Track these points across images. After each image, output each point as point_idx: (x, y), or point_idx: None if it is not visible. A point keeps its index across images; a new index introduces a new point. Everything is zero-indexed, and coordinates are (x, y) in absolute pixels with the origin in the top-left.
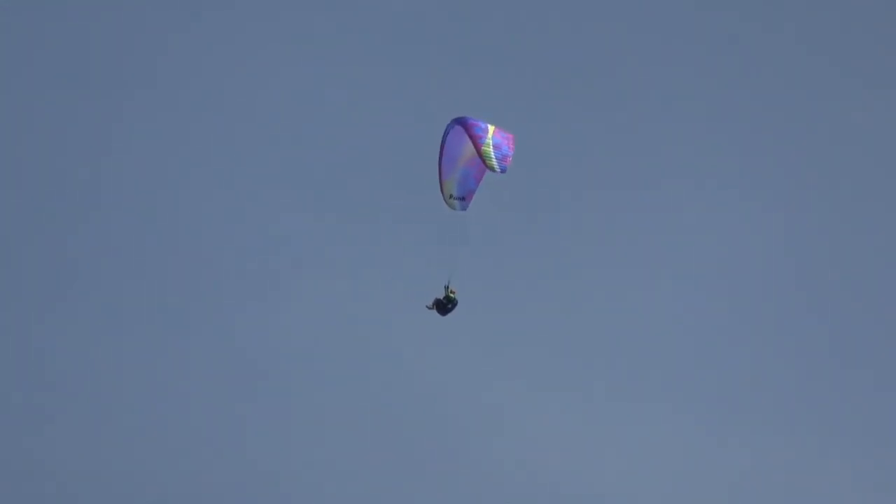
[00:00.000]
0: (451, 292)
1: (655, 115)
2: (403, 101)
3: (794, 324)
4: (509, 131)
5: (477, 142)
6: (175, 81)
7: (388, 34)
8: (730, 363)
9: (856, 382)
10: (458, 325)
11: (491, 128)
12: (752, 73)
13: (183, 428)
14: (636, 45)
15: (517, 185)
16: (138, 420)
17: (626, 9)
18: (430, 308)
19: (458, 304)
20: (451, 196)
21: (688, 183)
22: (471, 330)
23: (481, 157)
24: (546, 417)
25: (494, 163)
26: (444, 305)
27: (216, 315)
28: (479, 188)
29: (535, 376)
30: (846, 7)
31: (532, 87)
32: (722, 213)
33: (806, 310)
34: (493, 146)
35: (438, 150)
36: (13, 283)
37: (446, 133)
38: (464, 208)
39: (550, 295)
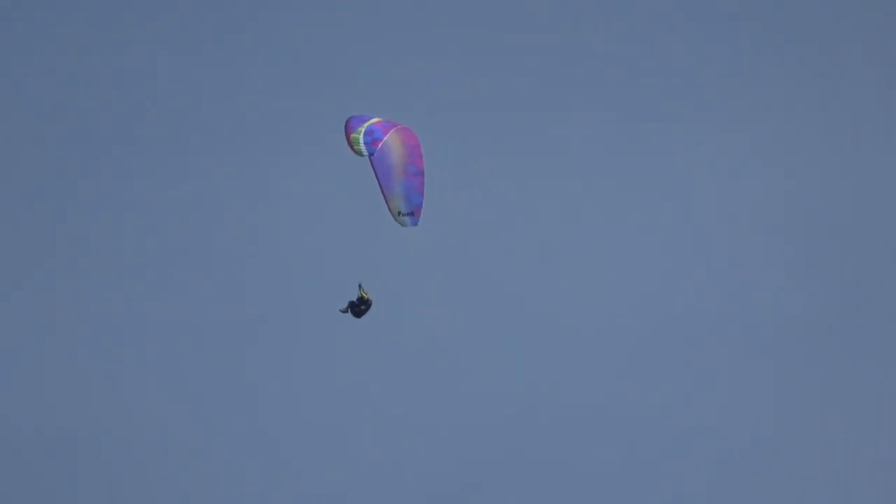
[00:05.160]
0: (364, 293)
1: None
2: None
3: None
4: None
5: (349, 131)
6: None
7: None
8: None
9: None
10: None
11: (375, 119)
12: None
13: None
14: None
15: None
16: None
17: None
18: (343, 311)
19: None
20: (399, 213)
21: None
22: None
23: (349, 143)
24: None
25: (362, 147)
26: (358, 307)
27: None
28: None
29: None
30: None
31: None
32: None
33: None
34: (365, 132)
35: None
36: None
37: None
38: (415, 223)
39: None
